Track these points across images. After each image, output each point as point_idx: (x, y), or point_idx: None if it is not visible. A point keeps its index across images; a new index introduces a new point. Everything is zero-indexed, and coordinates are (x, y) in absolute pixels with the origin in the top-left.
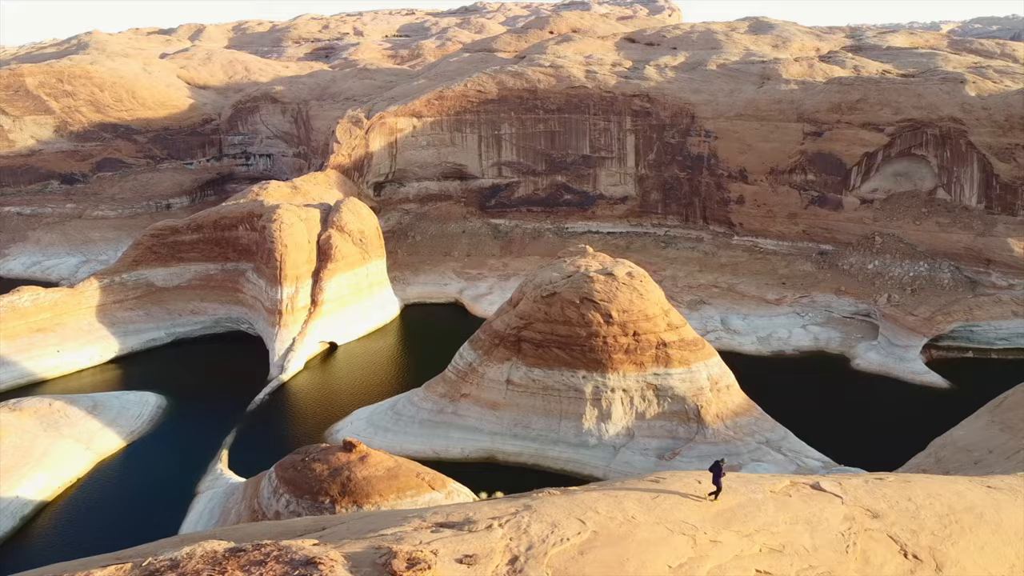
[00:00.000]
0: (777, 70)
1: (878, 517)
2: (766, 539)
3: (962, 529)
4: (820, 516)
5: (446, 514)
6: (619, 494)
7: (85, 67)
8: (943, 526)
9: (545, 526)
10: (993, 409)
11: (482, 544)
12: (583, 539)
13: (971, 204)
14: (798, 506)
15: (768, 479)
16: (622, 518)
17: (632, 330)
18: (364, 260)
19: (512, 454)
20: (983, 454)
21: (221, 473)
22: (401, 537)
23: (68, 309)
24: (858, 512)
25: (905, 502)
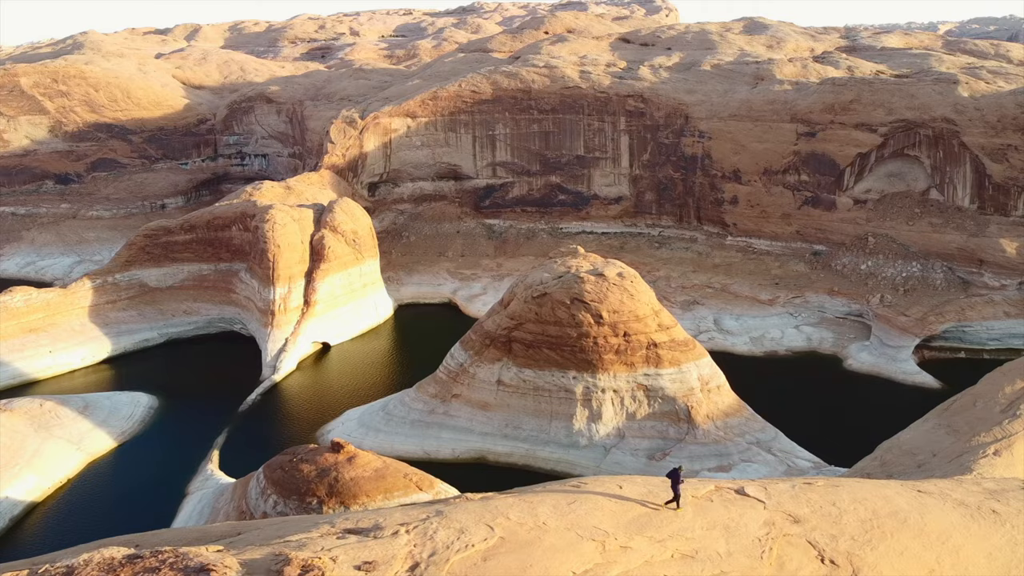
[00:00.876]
0: (771, 70)
1: (799, 522)
2: (679, 545)
3: (883, 534)
4: (739, 521)
5: (356, 520)
6: (535, 499)
7: (80, 67)
8: (864, 531)
9: (452, 532)
10: (941, 412)
11: (384, 551)
12: (488, 545)
13: (964, 205)
14: (718, 511)
15: (693, 484)
16: (532, 524)
17: (622, 330)
18: (357, 260)
19: (503, 455)
20: (927, 457)
21: (211, 474)
22: (304, 544)
23: (61, 309)
24: (779, 517)
25: (829, 507)
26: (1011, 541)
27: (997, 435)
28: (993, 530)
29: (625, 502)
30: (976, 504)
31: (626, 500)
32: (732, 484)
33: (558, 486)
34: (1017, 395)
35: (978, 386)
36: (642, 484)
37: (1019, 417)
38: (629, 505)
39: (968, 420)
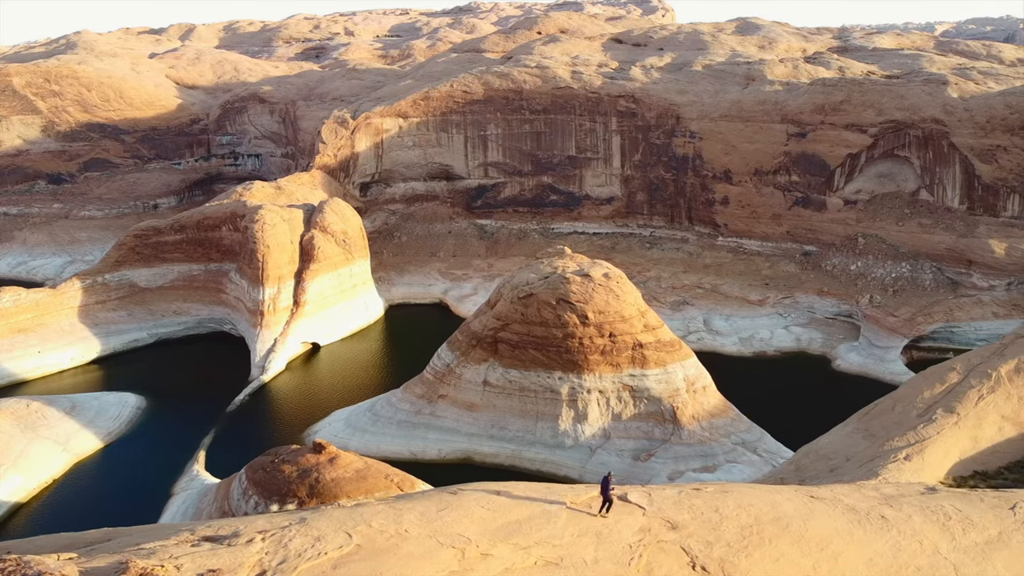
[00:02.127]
0: (762, 71)
1: (676, 528)
2: (544, 552)
3: (761, 540)
4: (613, 528)
5: (217, 527)
6: (405, 505)
7: (72, 67)
8: (742, 537)
9: (308, 540)
10: (861, 416)
11: (233, 558)
12: (342, 553)
13: (953, 205)
14: (594, 518)
15: (573, 490)
16: (394, 531)
17: (608, 331)
18: (348, 261)
19: (489, 455)
20: (840, 461)
21: (197, 474)
22: (155, 551)
23: (50, 310)
24: (657, 524)
25: (711, 513)
26: (894, 547)
27: (911, 439)
28: (878, 536)
29: (496, 510)
30: (866, 510)
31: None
32: (617, 490)
33: (436, 492)
34: (936, 399)
35: (899, 390)
36: (524, 489)
37: (934, 422)
38: (503, 512)
39: (885, 424)
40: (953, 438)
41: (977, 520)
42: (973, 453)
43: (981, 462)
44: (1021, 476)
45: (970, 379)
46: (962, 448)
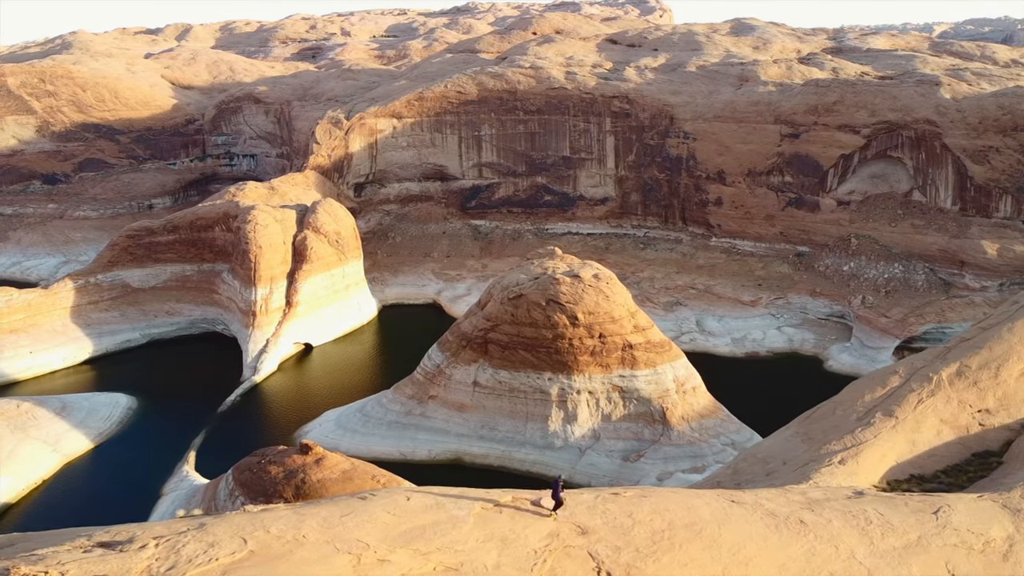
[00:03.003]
0: (756, 72)
1: (586, 534)
2: (445, 557)
3: (671, 545)
4: (521, 533)
5: (115, 533)
6: (308, 511)
7: (67, 67)
8: (652, 543)
9: (202, 545)
10: (802, 420)
11: (121, 565)
12: (234, 559)
13: (946, 206)
14: (502, 523)
15: (488, 494)
16: (291, 537)
17: (598, 332)
18: (340, 261)
19: (479, 456)
20: (777, 465)
21: (186, 475)
22: (44, 557)
23: (42, 310)
24: (566, 529)
25: (624, 518)
26: (809, 551)
27: (847, 443)
28: (794, 540)
29: (402, 515)
30: (786, 514)
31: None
32: (531, 494)
33: (345, 498)
34: (876, 403)
35: (841, 393)
36: (428, 494)
37: (872, 425)
38: (409, 517)
39: (824, 428)
40: (890, 442)
41: (898, 524)
42: (910, 457)
43: (918, 466)
44: (957, 480)
45: (911, 383)
46: (899, 452)
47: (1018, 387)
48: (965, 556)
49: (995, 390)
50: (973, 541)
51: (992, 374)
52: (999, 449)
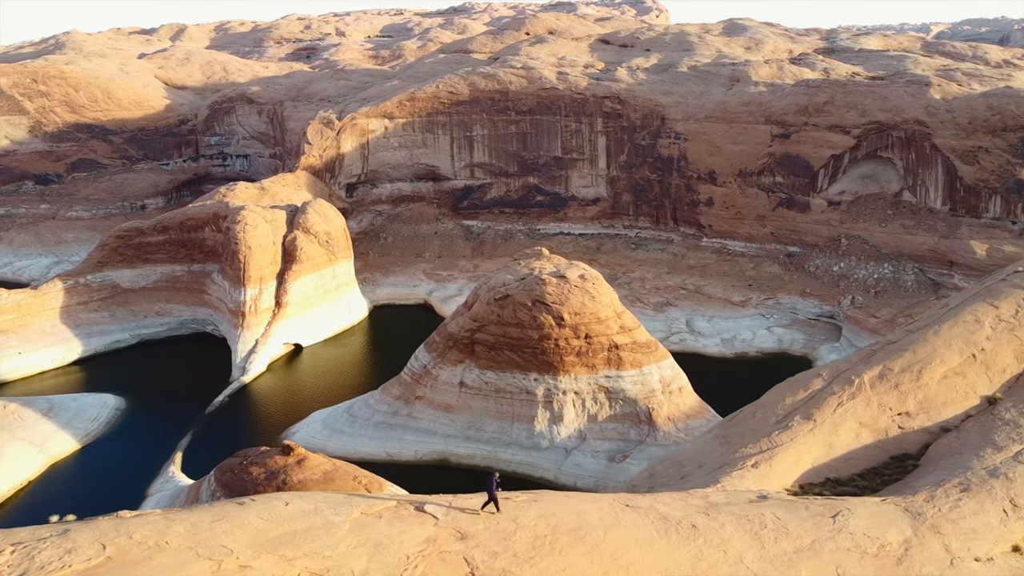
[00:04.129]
0: (747, 72)
1: (465, 539)
2: (311, 563)
3: (551, 550)
4: (397, 539)
5: None
6: (180, 516)
7: (60, 67)
8: (532, 548)
9: (59, 552)
10: (724, 423)
11: None
12: (89, 565)
13: (936, 206)
14: (379, 528)
15: (368, 500)
16: (153, 543)
17: (584, 332)
18: (331, 261)
19: (465, 456)
20: (693, 469)
21: (172, 476)
22: None
23: (31, 311)
24: (446, 534)
25: (508, 523)
26: (695, 556)
27: (763, 446)
28: (682, 545)
29: (275, 521)
30: (679, 518)
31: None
32: (417, 500)
33: (220, 504)
34: (795, 406)
35: (764, 396)
36: (308, 499)
37: (789, 428)
38: (282, 522)
39: (743, 431)
40: (806, 445)
41: (793, 528)
42: (827, 460)
43: (835, 469)
44: (872, 483)
45: (833, 385)
46: (815, 455)
47: (939, 390)
48: (858, 560)
49: (916, 393)
50: (868, 545)
51: (914, 377)
52: (917, 452)
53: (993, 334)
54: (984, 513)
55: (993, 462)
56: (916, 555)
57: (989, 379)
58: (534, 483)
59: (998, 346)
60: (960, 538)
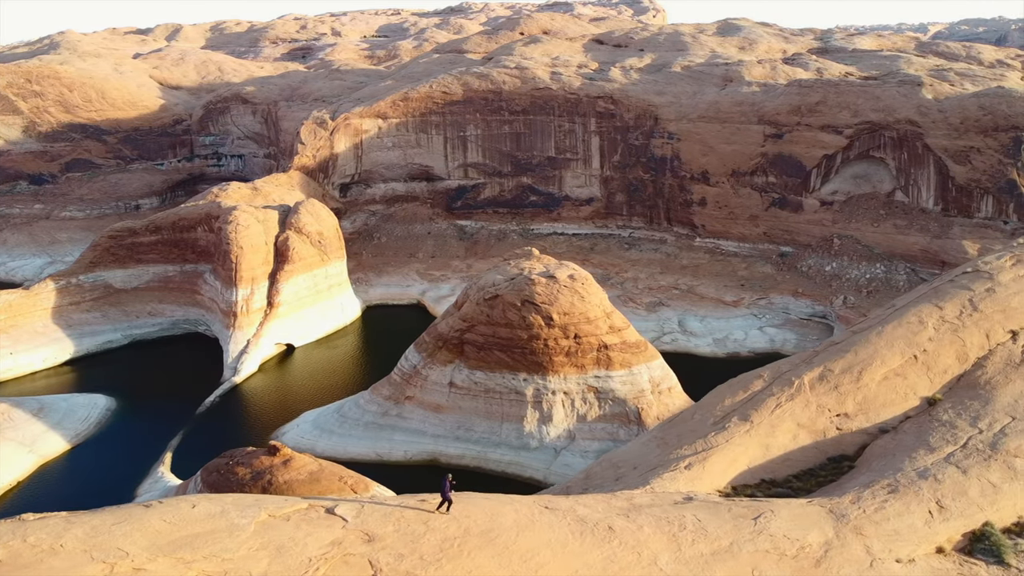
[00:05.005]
0: (740, 72)
1: (372, 541)
2: (208, 565)
3: (460, 552)
4: (301, 541)
5: None
6: (83, 519)
7: (54, 67)
8: (440, 550)
9: None
10: (663, 425)
11: None
12: None
13: (928, 206)
14: (285, 531)
15: (279, 502)
16: (48, 546)
17: (573, 332)
18: (323, 262)
19: (455, 457)
20: (628, 470)
21: (161, 476)
22: None
23: (23, 311)
24: (353, 537)
25: (418, 525)
26: (608, 558)
27: (698, 448)
28: (595, 547)
29: (178, 523)
30: (596, 520)
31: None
32: (327, 503)
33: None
34: (734, 408)
35: (705, 398)
36: (217, 501)
37: (725, 430)
38: (185, 525)
39: (680, 432)
40: (742, 446)
41: (712, 530)
42: (763, 461)
43: (771, 470)
44: (808, 484)
45: (772, 387)
46: (751, 456)
47: (879, 391)
48: (775, 562)
49: (855, 394)
50: (787, 547)
51: (854, 378)
52: (854, 453)
53: (936, 335)
54: (909, 514)
55: (924, 463)
56: (836, 557)
57: (930, 380)
58: (523, 483)
59: (940, 347)
60: (882, 539)
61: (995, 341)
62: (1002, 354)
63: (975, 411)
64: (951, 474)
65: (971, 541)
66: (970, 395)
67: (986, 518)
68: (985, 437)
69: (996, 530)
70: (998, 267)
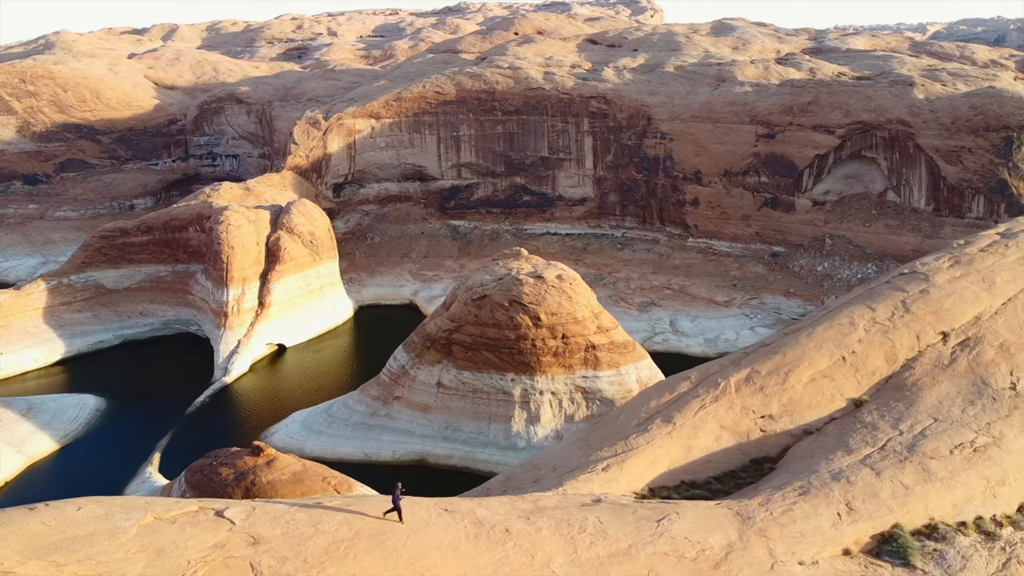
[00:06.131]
0: (732, 72)
1: (257, 544)
2: (82, 568)
3: (345, 556)
4: (183, 544)
5: None
6: None
7: (48, 67)
8: (325, 553)
9: None
10: (589, 426)
11: None
12: None
13: (920, 206)
14: (168, 533)
15: (169, 504)
16: None
17: (561, 332)
18: (315, 262)
19: (443, 457)
20: (547, 472)
21: (149, 476)
22: None
23: (14, 311)
24: (239, 538)
25: (307, 527)
26: (500, 560)
27: (618, 450)
28: (488, 550)
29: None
30: (494, 522)
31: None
32: (218, 505)
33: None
34: (659, 409)
35: (632, 399)
36: (105, 504)
37: (647, 431)
38: (64, 527)
39: (603, 434)
40: (663, 448)
41: (613, 533)
42: (684, 463)
43: (691, 472)
44: (727, 486)
45: (699, 388)
46: (672, 458)
47: (805, 393)
48: (673, 564)
49: (781, 396)
50: (687, 549)
51: (780, 380)
52: (777, 455)
53: (866, 336)
54: (817, 516)
55: (840, 465)
56: (736, 559)
57: (858, 382)
58: None
59: (870, 348)
60: (786, 542)
61: (925, 343)
62: (931, 355)
63: (899, 413)
64: (864, 476)
65: (879, 543)
66: (896, 397)
67: (896, 520)
68: (904, 439)
69: (905, 532)
70: (935, 268)
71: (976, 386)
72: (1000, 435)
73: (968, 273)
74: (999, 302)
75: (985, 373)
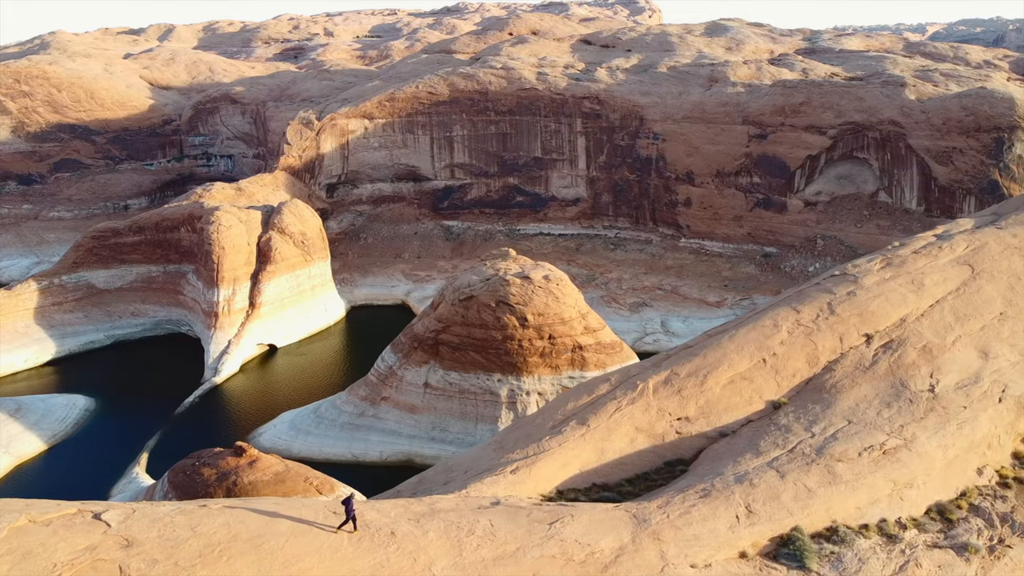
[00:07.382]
0: (725, 72)
1: (131, 546)
2: None
3: (218, 559)
4: (53, 547)
5: None
6: None
7: (43, 67)
8: (199, 556)
9: None
10: (507, 429)
11: None
12: None
13: (911, 207)
14: (39, 536)
15: (49, 507)
16: None
17: (547, 333)
18: (306, 262)
19: (430, 457)
20: (459, 474)
21: (136, 477)
22: None
23: (5, 311)
24: (111, 542)
25: (184, 530)
26: (379, 563)
27: (530, 452)
28: (368, 553)
29: None
30: (381, 524)
31: None
32: (97, 507)
33: None
34: (575, 411)
35: (551, 401)
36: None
37: (560, 434)
38: None
39: (518, 437)
40: (575, 450)
41: (502, 535)
42: (596, 465)
43: (604, 474)
44: (638, 488)
45: (617, 390)
46: (584, 460)
47: (723, 395)
48: (560, 567)
49: (698, 398)
50: (576, 552)
51: (698, 382)
52: (691, 457)
53: (789, 339)
54: (714, 519)
55: (746, 467)
56: (626, 562)
57: (778, 384)
58: None
59: (792, 351)
60: (680, 544)
61: (848, 345)
62: (853, 358)
63: (814, 415)
64: (768, 478)
65: (777, 545)
66: (814, 399)
67: (796, 522)
68: (815, 441)
69: (804, 534)
70: (865, 270)
71: (895, 388)
72: (912, 437)
73: (898, 275)
74: (926, 304)
75: (905, 375)
